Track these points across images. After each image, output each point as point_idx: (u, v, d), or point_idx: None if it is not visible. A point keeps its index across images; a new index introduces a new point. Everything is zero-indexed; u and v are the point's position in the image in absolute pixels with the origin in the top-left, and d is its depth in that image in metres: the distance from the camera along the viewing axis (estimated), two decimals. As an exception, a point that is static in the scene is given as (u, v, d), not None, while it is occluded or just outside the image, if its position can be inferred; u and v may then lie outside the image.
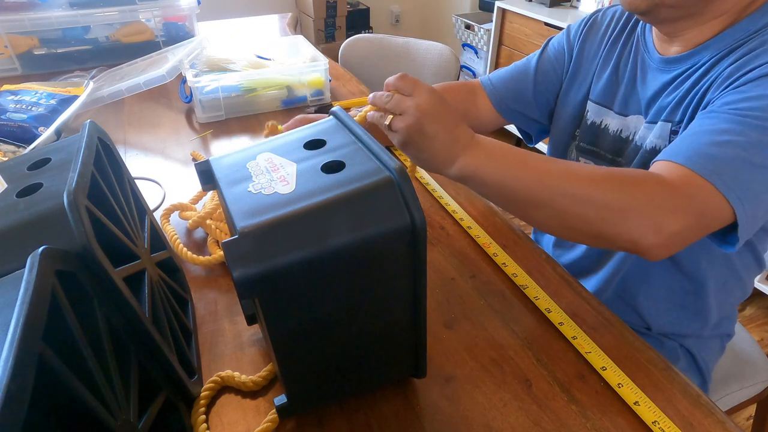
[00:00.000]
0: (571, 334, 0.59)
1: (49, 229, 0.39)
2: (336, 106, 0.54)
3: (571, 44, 0.85)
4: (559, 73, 0.86)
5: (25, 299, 0.29)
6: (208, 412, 0.51)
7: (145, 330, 0.42)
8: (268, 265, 0.38)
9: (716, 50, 0.64)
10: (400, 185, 0.41)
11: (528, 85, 0.87)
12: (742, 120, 0.54)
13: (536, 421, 0.50)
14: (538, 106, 0.88)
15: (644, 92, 0.73)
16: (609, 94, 0.78)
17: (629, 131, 0.75)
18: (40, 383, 0.28)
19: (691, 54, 0.66)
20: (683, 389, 0.53)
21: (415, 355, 0.50)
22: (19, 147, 0.90)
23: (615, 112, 0.77)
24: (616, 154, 0.78)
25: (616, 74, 0.78)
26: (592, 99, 0.81)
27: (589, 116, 0.81)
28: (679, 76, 0.68)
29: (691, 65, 0.66)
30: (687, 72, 0.67)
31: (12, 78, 1.26)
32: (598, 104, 0.80)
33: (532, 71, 0.87)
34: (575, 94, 0.84)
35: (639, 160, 0.72)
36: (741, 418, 1.42)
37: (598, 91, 0.80)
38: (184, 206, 0.78)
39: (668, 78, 0.69)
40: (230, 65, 1.13)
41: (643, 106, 0.73)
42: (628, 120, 0.76)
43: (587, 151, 0.82)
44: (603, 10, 0.84)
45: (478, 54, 2.62)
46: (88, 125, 0.50)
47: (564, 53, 0.85)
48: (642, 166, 0.71)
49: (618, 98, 0.77)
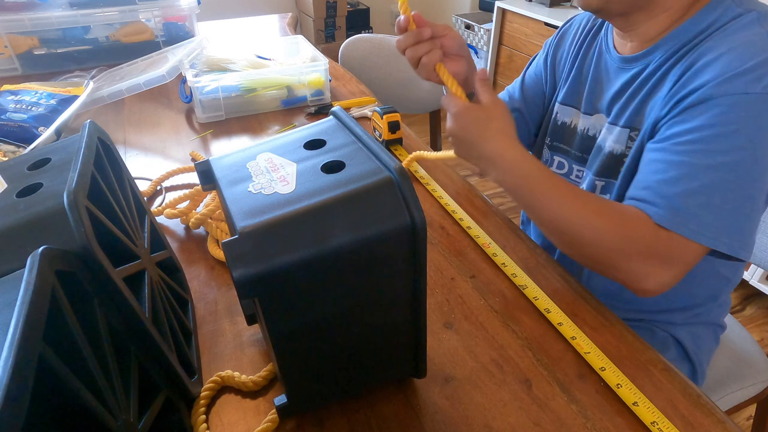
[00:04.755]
0: (570, 334, 0.59)
1: (49, 229, 0.39)
2: (336, 106, 0.54)
3: (546, 58, 0.89)
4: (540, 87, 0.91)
5: (25, 299, 0.29)
6: (208, 412, 0.51)
7: (145, 330, 0.42)
8: (268, 265, 0.38)
9: (666, 50, 0.66)
10: (400, 185, 0.41)
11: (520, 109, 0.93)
12: (690, 161, 0.58)
13: (536, 421, 0.50)
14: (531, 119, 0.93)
15: (607, 91, 0.75)
16: (575, 94, 0.82)
17: (595, 129, 0.78)
18: (40, 383, 0.28)
19: (645, 53, 0.69)
20: (683, 389, 0.53)
21: (415, 355, 0.51)
22: (19, 147, 0.90)
23: (581, 111, 0.80)
24: (583, 151, 0.81)
25: (581, 75, 0.81)
26: (560, 101, 0.84)
27: (558, 117, 0.85)
28: (636, 76, 0.70)
29: (644, 65, 0.69)
30: (642, 72, 0.69)
31: (12, 78, 1.26)
32: (566, 105, 0.83)
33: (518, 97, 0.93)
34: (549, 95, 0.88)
35: (600, 161, 0.75)
36: (741, 418, 1.42)
37: (564, 92, 0.83)
38: (181, 203, 0.78)
39: (627, 77, 0.71)
40: (230, 65, 1.13)
41: (605, 105, 0.75)
42: (593, 119, 0.78)
43: (557, 149, 0.86)
44: (572, 19, 0.88)
45: (478, 54, 2.62)
46: (88, 125, 0.50)
47: (541, 70, 0.90)
48: (602, 168, 0.75)
49: (583, 98, 0.80)
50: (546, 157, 0.88)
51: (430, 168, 0.92)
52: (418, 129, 2.63)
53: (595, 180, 0.76)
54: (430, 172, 0.91)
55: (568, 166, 0.85)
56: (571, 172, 0.84)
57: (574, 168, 0.84)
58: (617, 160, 0.72)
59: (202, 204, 0.79)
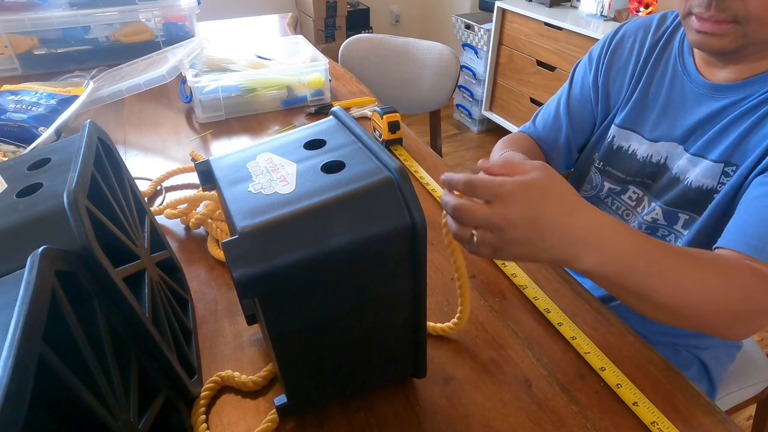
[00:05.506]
0: (570, 334, 0.59)
1: (49, 229, 0.39)
2: (336, 106, 0.54)
3: (597, 76, 0.80)
4: (589, 110, 0.82)
5: (25, 299, 0.29)
6: (208, 412, 0.51)
7: (145, 330, 0.42)
8: (268, 265, 0.38)
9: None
10: (400, 185, 0.41)
11: (563, 132, 0.85)
12: None
13: (536, 421, 0.50)
14: (576, 144, 0.86)
15: (685, 119, 0.69)
16: (638, 118, 0.75)
17: (660, 156, 0.72)
18: (40, 383, 0.28)
19: (746, 83, 0.62)
20: (683, 389, 0.53)
21: (415, 355, 0.50)
22: (19, 147, 0.90)
23: (644, 137, 0.74)
24: (646, 177, 0.74)
25: (646, 97, 0.74)
26: (618, 123, 0.77)
27: (615, 141, 0.78)
28: (730, 105, 0.63)
29: (745, 95, 0.62)
30: (741, 102, 0.62)
31: (12, 78, 1.26)
32: (624, 128, 0.76)
33: (563, 118, 0.84)
34: (600, 119, 0.81)
35: (678, 194, 0.69)
36: (741, 418, 1.42)
37: (624, 115, 0.76)
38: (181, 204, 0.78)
39: (717, 106, 0.64)
40: (230, 65, 1.13)
41: (680, 133, 0.69)
42: (658, 146, 0.72)
43: (609, 174, 0.80)
44: (622, 31, 0.79)
45: (478, 54, 2.61)
46: (88, 125, 0.50)
47: (590, 89, 0.82)
48: (682, 200, 0.68)
49: (648, 123, 0.73)
50: (596, 182, 0.82)
51: (430, 168, 0.92)
52: (418, 129, 2.63)
53: (678, 212, 0.69)
54: (430, 172, 0.91)
55: (620, 188, 0.79)
56: (624, 192, 0.78)
57: (629, 189, 0.78)
58: (705, 195, 0.65)
59: (202, 204, 0.78)
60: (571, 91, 0.85)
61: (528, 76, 2.36)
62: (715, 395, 0.82)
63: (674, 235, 0.72)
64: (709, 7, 0.55)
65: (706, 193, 0.65)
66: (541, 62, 2.26)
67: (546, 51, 2.21)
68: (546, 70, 2.25)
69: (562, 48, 2.10)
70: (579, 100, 0.83)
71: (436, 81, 1.57)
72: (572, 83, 0.85)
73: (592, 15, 2.08)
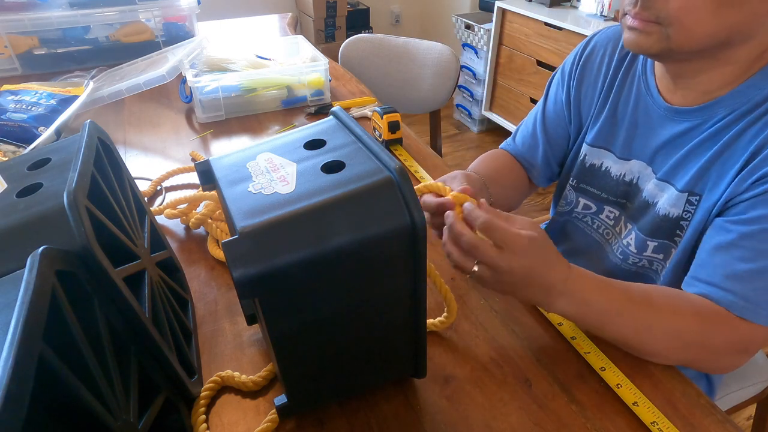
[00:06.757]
0: (570, 334, 0.59)
1: (49, 229, 0.39)
2: (336, 106, 0.54)
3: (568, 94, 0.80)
4: (563, 126, 0.82)
5: (25, 299, 0.29)
6: (208, 412, 0.51)
7: (145, 330, 0.42)
8: (268, 265, 0.38)
9: (730, 109, 0.60)
10: (400, 185, 0.41)
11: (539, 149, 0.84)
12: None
13: (536, 421, 0.50)
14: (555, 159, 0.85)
15: (651, 139, 0.69)
16: (608, 136, 0.75)
17: (632, 175, 0.72)
18: (40, 383, 0.28)
19: (702, 108, 0.63)
20: (683, 389, 0.53)
21: (415, 355, 0.50)
22: (19, 147, 0.90)
23: (616, 155, 0.74)
24: (621, 197, 0.75)
25: (614, 116, 0.73)
26: (588, 142, 0.77)
27: (587, 159, 0.78)
28: (691, 131, 0.64)
29: (703, 120, 0.63)
30: (700, 128, 0.63)
31: (12, 78, 1.26)
32: (595, 147, 0.76)
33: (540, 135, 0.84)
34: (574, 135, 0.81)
35: (649, 220, 0.69)
36: (741, 418, 1.42)
37: (594, 133, 0.76)
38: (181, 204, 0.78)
39: (678, 130, 0.65)
40: (230, 65, 1.13)
41: (648, 154, 0.70)
42: (630, 164, 0.72)
43: (585, 191, 0.80)
44: (593, 43, 0.78)
45: (478, 54, 2.61)
46: (88, 125, 0.50)
47: (562, 105, 0.81)
48: (653, 228, 0.69)
49: (618, 141, 0.73)
50: (570, 198, 0.82)
51: (430, 168, 0.92)
52: (418, 129, 2.64)
53: (647, 240, 0.70)
54: (430, 172, 0.91)
55: (596, 207, 0.79)
56: (601, 212, 0.78)
57: (605, 209, 0.78)
58: (673, 223, 0.66)
59: (202, 204, 0.79)
60: (545, 107, 0.84)
61: (528, 76, 2.36)
62: (714, 395, 0.81)
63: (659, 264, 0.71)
64: (636, 4, 0.57)
65: (674, 221, 0.66)
66: (541, 62, 2.26)
67: (546, 51, 2.21)
68: (546, 70, 2.25)
69: (562, 48, 2.10)
70: (553, 116, 0.82)
71: (436, 81, 1.57)
72: (546, 99, 0.84)
73: (592, 15, 2.08)
